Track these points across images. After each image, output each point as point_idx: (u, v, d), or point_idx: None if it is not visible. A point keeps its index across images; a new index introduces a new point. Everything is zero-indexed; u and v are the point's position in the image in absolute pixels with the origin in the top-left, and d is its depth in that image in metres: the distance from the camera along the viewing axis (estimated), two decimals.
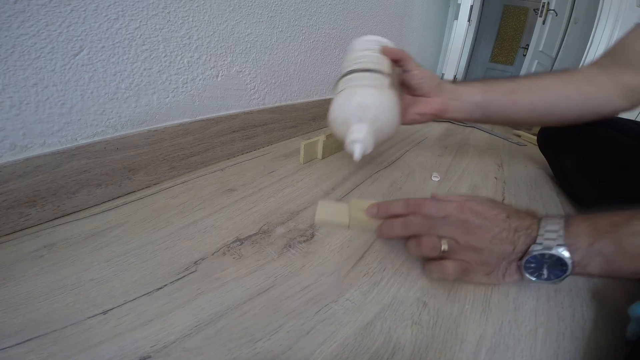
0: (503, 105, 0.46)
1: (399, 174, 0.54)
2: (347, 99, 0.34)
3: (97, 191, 0.36)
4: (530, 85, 0.46)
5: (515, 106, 0.46)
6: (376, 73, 0.37)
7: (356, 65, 0.39)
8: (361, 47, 0.44)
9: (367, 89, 0.35)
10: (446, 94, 0.46)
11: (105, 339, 0.22)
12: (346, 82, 0.37)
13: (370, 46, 0.43)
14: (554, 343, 0.25)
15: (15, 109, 0.30)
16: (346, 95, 0.35)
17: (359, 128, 0.33)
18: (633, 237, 0.23)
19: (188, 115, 0.46)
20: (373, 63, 0.39)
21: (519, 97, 0.46)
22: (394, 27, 1.04)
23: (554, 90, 0.45)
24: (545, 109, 0.45)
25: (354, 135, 0.33)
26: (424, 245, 0.29)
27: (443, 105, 0.46)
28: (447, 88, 0.46)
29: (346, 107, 0.34)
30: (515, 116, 0.47)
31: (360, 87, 0.35)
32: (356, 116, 0.34)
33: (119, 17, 0.35)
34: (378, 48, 0.43)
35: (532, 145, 0.84)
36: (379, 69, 0.38)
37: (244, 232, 0.34)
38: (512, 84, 0.46)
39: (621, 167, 0.45)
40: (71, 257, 0.28)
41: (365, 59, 0.40)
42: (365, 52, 0.42)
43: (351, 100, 0.34)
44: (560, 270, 0.25)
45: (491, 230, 0.27)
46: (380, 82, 0.36)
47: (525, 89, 0.46)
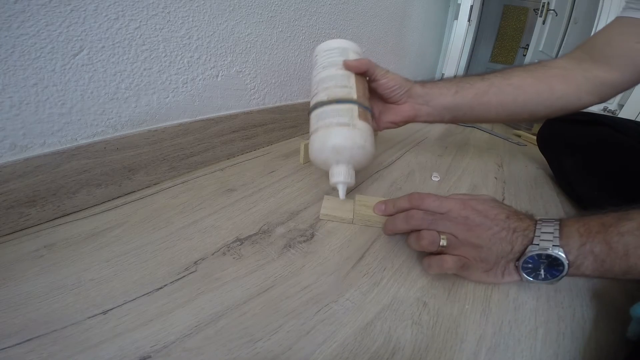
0: (472, 107, 0.46)
1: (399, 174, 0.54)
2: (322, 142, 0.36)
3: (97, 191, 0.36)
4: (502, 85, 0.45)
5: (485, 107, 0.46)
6: (345, 104, 0.37)
7: (324, 93, 0.38)
8: (325, 60, 0.42)
9: (339, 129, 0.35)
10: (416, 99, 0.46)
11: (105, 339, 0.22)
12: (318, 119, 0.38)
13: (334, 59, 0.41)
14: (554, 343, 0.26)
15: (15, 109, 0.30)
16: (321, 138, 0.36)
17: (338, 170, 0.36)
18: (621, 236, 0.24)
19: (188, 115, 0.46)
20: (340, 88, 0.38)
21: (489, 98, 0.45)
22: (394, 27, 1.04)
23: (525, 89, 0.45)
24: (514, 109, 0.46)
25: (335, 178, 0.36)
26: (423, 239, 0.29)
27: (413, 111, 0.46)
28: (417, 93, 0.46)
29: (323, 152, 0.36)
30: (484, 116, 0.48)
31: (332, 128, 0.36)
32: (333, 159, 0.36)
33: (119, 17, 0.35)
34: (341, 62, 0.41)
35: (532, 145, 0.84)
36: (346, 95, 0.38)
37: (244, 232, 0.34)
38: (484, 85, 0.46)
39: (621, 167, 0.45)
40: (71, 257, 0.28)
41: (332, 82, 0.39)
42: (331, 72, 0.40)
43: (326, 145, 0.35)
44: (556, 270, 0.26)
45: (491, 229, 0.28)
46: (349, 117, 0.36)
47: (496, 90, 0.45)
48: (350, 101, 0.38)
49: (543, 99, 0.45)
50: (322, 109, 0.38)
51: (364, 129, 0.36)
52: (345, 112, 0.36)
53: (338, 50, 0.42)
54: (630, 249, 0.23)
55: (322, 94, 0.39)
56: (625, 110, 1.57)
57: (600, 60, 0.43)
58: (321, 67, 0.41)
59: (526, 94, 0.45)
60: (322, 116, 0.37)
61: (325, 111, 0.37)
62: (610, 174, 0.46)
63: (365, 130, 0.36)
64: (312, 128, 0.38)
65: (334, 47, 0.43)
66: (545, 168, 0.66)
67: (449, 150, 0.71)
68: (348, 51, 0.42)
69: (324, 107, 0.38)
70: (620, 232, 0.24)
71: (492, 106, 0.46)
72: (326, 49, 0.43)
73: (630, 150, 0.45)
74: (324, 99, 0.38)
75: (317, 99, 0.39)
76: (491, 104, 0.46)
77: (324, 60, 0.42)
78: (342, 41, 0.43)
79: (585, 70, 0.43)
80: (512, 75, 0.46)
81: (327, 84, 0.39)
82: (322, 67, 0.41)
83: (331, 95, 0.38)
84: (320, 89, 0.40)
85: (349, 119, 0.36)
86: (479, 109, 0.46)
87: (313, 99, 0.40)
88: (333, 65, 0.41)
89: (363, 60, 0.41)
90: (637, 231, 0.24)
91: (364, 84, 0.42)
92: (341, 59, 0.41)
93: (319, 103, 0.38)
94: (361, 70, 0.41)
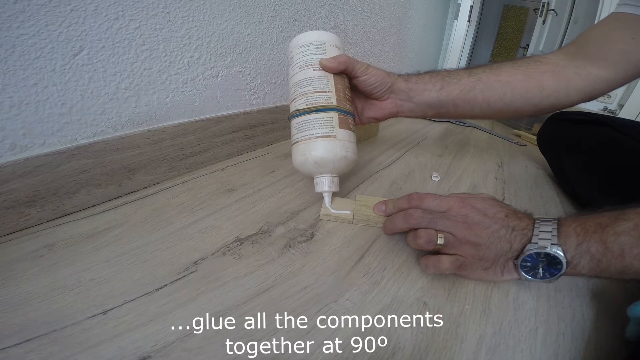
0: (456, 105, 0.45)
1: (399, 174, 0.54)
2: (304, 156, 0.36)
3: (97, 191, 0.36)
4: (489, 82, 0.44)
5: (469, 104, 0.45)
6: (324, 112, 0.36)
7: (302, 100, 0.37)
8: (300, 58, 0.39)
9: (320, 142, 0.35)
10: (398, 95, 0.45)
11: (105, 339, 0.22)
12: (297, 129, 0.37)
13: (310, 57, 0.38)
14: (554, 343, 0.26)
15: (15, 109, 0.29)
16: (303, 151, 0.36)
17: (322, 181, 0.37)
18: (617, 236, 0.24)
19: (188, 115, 0.46)
20: (319, 93, 0.37)
21: (475, 94, 0.44)
22: (394, 27, 1.04)
23: (513, 86, 0.43)
24: (500, 107, 0.44)
25: (319, 187, 0.37)
26: (420, 237, 0.30)
27: (395, 108, 0.45)
28: (400, 88, 0.44)
29: (306, 165, 0.37)
30: (468, 113, 0.46)
31: (312, 141, 0.35)
32: (317, 171, 0.37)
33: (119, 17, 0.35)
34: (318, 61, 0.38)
35: (532, 145, 0.84)
36: (325, 102, 0.36)
37: (244, 232, 0.34)
38: (470, 81, 0.44)
39: (621, 167, 0.45)
40: (71, 257, 0.28)
41: (310, 87, 0.37)
42: (308, 73, 0.38)
43: (308, 160, 0.36)
44: (555, 268, 0.26)
45: (490, 227, 0.28)
46: (329, 127, 0.35)
47: (483, 86, 0.44)
48: (330, 109, 0.36)
49: (531, 97, 0.43)
50: (301, 117, 0.37)
51: (345, 137, 0.36)
52: (326, 122, 0.36)
53: (314, 45, 0.39)
54: (626, 249, 0.23)
55: (300, 101, 0.37)
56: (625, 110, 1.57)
57: (594, 56, 0.42)
58: (297, 67, 0.39)
59: (514, 91, 0.43)
60: (302, 127, 0.36)
61: (305, 121, 0.36)
62: (610, 174, 0.46)
63: (347, 139, 0.36)
64: (293, 139, 0.38)
65: (309, 41, 0.39)
66: (545, 168, 0.66)
67: (449, 150, 0.71)
68: (325, 45, 0.39)
69: (303, 116, 0.37)
70: (616, 232, 0.24)
71: (477, 103, 0.45)
72: (301, 44, 0.39)
73: (630, 150, 0.44)
74: (303, 106, 0.37)
75: (296, 106, 0.38)
76: (476, 101, 0.44)
77: (300, 59, 0.39)
78: (318, 33, 0.40)
79: (578, 67, 0.42)
80: (501, 71, 0.44)
81: (304, 88, 0.37)
82: (297, 67, 0.39)
83: (309, 102, 0.37)
84: (298, 94, 0.38)
85: (329, 129, 0.35)
86: (463, 105, 0.45)
87: (292, 104, 0.39)
88: (309, 65, 0.38)
89: (340, 57, 0.38)
90: (633, 231, 0.24)
91: (344, 83, 0.40)
92: (318, 57, 0.38)
93: (297, 111, 0.37)
94: (339, 70, 0.39)
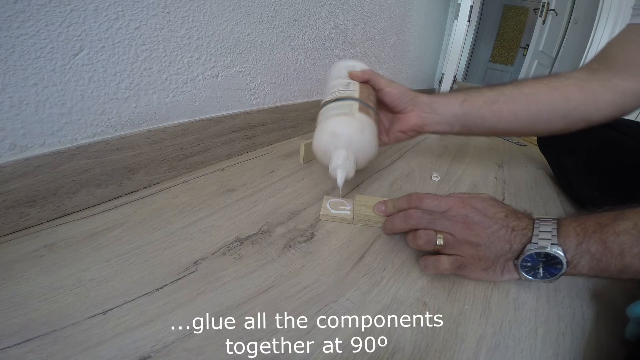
0: (483, 116, 0.43)
1: (399, 174, 0.54)
2: (321, 131, 0.38)
3: (97, 191, 0.36)
4: (513, 94, 0.43)
5: (496, 116, 0.43)
6: (345, 100, 0.39)
7: (329, 96, 0.42)
8: (334, 75, 0.47)
9: (337, 117, 0.37)
10: (421, 107, 0.44)
11: (105, 339, 0.22)
12: (321, 115, 0.40)
13: (341, 73, 0.46)
14: (554, 343, 0.26)
15: (15, 109, 0.29)
16: (320, 128, 0.38)
17: (337, 155, 0.36)
18: (617, 236, 0.24)
19: (188, 115, 0.46)
20: (342, 91, 0.41)
21: (500, 106, 0.43)
22: (394, 27, 1.04)
23: (538, 97, 0.42)
24: (528, 118, 0.43)
25: (334, 162, 0.36)
26: (419, 238, 0.30)
27: (420, 119, 0.44)
28: (423, 101, 0.44)
29: (322, 140, 0.37)
30: (497, 127, 0.45)
31: (331, 118, 0.38)
32: (332, 144, 0.37)
33: (119, 17, 0.35)
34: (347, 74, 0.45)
35: (532, 145, 0.84)
36: (348, 95, 0.40)
37: (244, 232, 0.34)
38: (493, 93, 0.43)
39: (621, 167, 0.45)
40: (71, 257, 0.28)
41: (336, 88, 0.43)
42: (338, 81, 0.44)
43: (324, 132, 0.37)
44: (555, 268, 0.26)
45: (490, 227, 0.28)
46: (349, 109, 0.38)
47: (507, 98, 0.43)
48: (352, 98, 0.40)
49: (558, 108, 0.41)
50: (325, 107, 0.40)
51: (363, 119, 0.37)
52: (346, 106, 0.38)
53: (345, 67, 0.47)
54: (626, 249, 0.23)
55: (328, 97, 0.42)
56: None
57: (617, 69, 0.41)
58: (331, 79, 0.46)
59: (539, 102, 0.42)
60: (325, 112, 0.40)
61: (327, 108, 0.40)
62: (610, 174, 0.46)
63: (365, 120, 0.37)
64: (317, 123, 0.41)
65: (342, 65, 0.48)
66: (545, 168, 0.66)
67: (449, 150, 0.71)
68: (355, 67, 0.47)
69: (327, 105, 0.40)
70: (616, 231, 0.24)
71: (503, 115, 0.43)
72: (336, 67, 0.49)
73: (630, 150, 0.44)
74: (328, 99, 0.41)
75: (324, 101, 0.42)
76: (503, 112, 0.43)
77: (334, 73, 0.47)
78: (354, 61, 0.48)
79: (603, 80, 0.41)
80: (523, 85, 0.43)
81: (333, 89, 0.43)
82: (332, 78, 0.46)
83: (335, 95, 0.41)
84: (327, 94, 0.43)
85: (348, 110, 0.38)
86: (490, 117, 0.43)
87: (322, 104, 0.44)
88: (340, 77, 0.46)
89: (366, 70, 0.45)
90: (633, 230, 0.24)
91: (369, 91, 0.44)
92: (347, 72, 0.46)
93: (324, 103, 0.41)
94: (364, 79, 0.44)
